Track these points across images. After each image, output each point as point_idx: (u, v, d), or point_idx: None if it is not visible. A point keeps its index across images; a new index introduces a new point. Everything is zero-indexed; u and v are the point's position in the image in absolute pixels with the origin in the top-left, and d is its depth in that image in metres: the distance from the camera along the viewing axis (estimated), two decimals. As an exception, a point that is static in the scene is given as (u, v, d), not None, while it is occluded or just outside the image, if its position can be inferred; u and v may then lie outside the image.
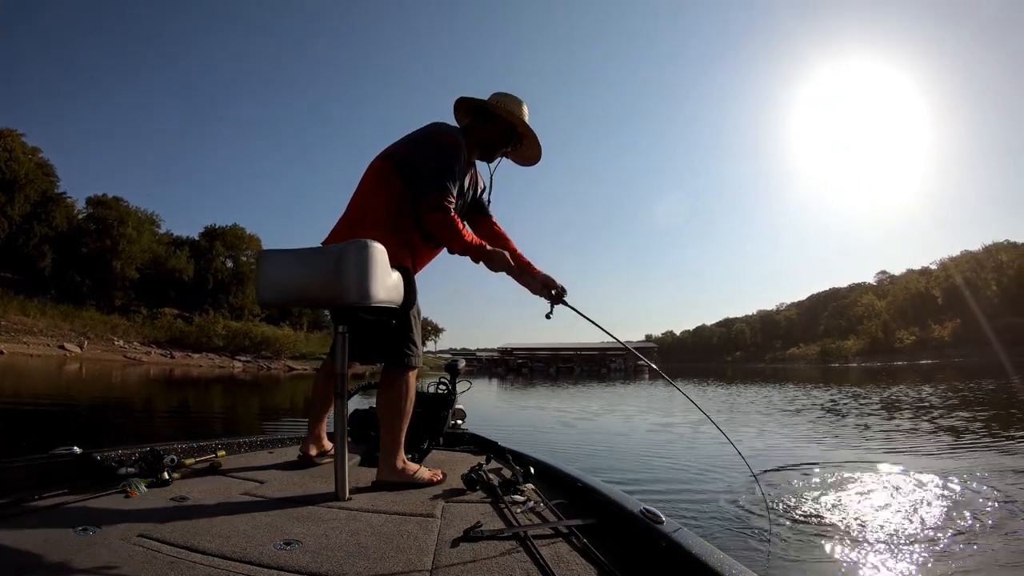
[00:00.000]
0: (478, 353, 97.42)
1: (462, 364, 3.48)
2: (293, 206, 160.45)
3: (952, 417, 9.19)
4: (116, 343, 39.54)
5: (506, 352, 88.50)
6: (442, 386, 3.29)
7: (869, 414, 10.38)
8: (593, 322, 2.48)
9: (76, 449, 2.05)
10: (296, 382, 27.56)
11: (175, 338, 43.80)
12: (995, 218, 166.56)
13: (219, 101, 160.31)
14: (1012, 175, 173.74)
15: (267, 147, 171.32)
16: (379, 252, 1.85)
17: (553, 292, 2.39)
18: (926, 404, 11.92)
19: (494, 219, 2.59)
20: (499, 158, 2.47)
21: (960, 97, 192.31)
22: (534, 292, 2.40)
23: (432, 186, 2.10)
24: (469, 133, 2.38)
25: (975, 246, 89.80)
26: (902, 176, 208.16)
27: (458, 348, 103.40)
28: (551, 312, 2.39)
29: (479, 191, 2.54)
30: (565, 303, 2.40)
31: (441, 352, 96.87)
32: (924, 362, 62.46)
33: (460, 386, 3.30)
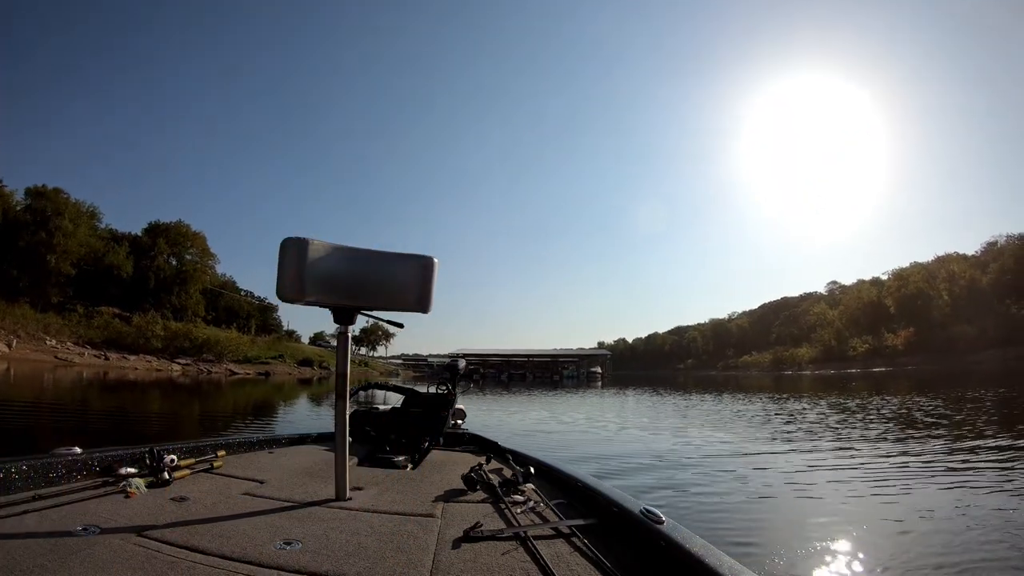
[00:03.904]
0: (430, 359, 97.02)
1: (462, 364, 3.49)
2: (246, 207, 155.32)
3: (943, 426, 9.35)
4: (48, 343, 37.87)
5: (457, 358, 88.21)
6: (442, 386, 3.31)
7: (858, 420, 10.56)
8: None
9: (77, 449, 2.04)
10: (239, 388, 26.56)
11: (111, 339, 42.35)
12: (939, 232, 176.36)
13: (172, 93, 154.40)
14: (958, 190, 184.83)
15: (222, 145, 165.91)
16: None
17: None
18: (911, 413, 11.96)
19: None
20: None
21: (906, 113, 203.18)
22: None
23: None
24: None
25: (923, 258, 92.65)
26: (851, 190, 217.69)
27: (410, 353, 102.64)
28: None
29: None
30: None
31: (392, 358, 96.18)
32: (878, 370, 63.16)
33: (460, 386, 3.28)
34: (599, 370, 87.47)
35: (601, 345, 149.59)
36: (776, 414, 12.66)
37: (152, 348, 43.05)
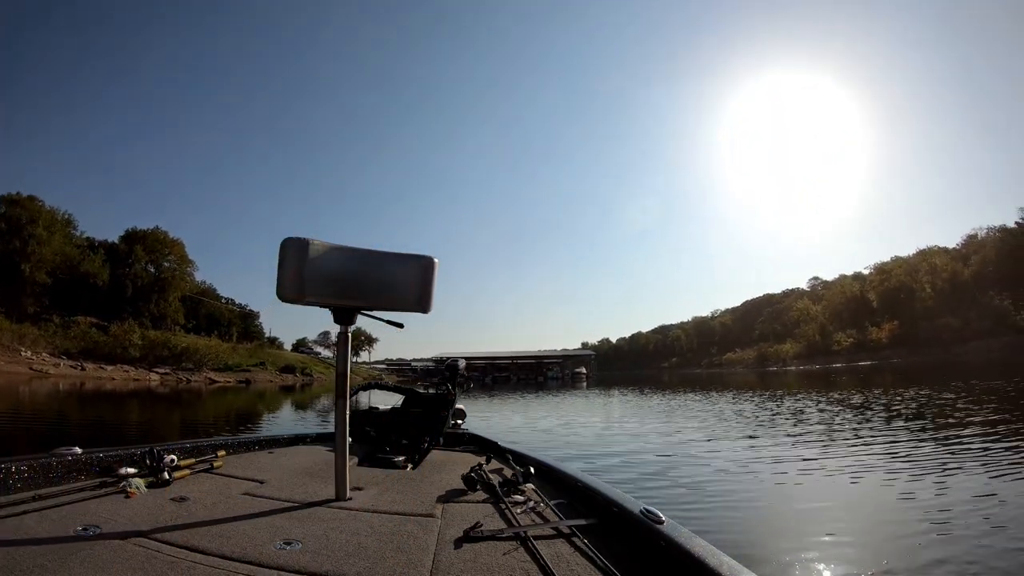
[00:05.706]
0: (413, 363, 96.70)
1: (462, 364, 3.49)
2: (226, 214, 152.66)
3: (937, 423, 9.25)
4: (23, 354, 36.95)
5: (441, 362, 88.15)
6: (442, 386, 3.32)
7: (853, 417, 10.46)
8: None
9: (77, 449, 2.05)
10: (219, 396, 26.11)
11: (88, 348, 41.41)
12: (918, 226, 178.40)
13: (148, 100, 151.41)
14: (937, 184, 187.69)
15: (200, 151, 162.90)
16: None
17: None
18: (902, 407, 11.88)
19: None
20: None
21: (884, 108, 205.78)
22: None
23: None
24: None
25: (904, 252, 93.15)
26: (831, 186, 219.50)
27: (393, 358, 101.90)
28: None
29: None
30: None
31: (376, 362, 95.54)
32: (863, 363, 63.68)
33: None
34: (584, 371, 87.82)
35: (585, 345, 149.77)
36: (773, 413, 12.66)
37: (130, 357, 42.21)
